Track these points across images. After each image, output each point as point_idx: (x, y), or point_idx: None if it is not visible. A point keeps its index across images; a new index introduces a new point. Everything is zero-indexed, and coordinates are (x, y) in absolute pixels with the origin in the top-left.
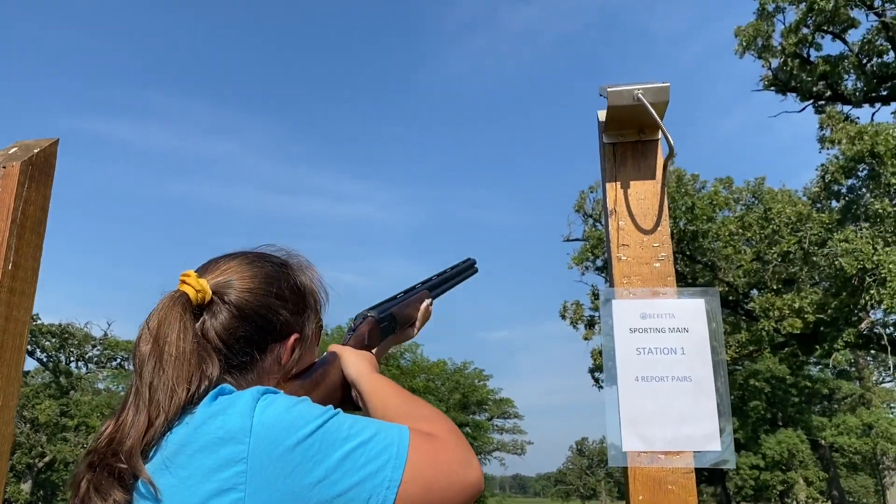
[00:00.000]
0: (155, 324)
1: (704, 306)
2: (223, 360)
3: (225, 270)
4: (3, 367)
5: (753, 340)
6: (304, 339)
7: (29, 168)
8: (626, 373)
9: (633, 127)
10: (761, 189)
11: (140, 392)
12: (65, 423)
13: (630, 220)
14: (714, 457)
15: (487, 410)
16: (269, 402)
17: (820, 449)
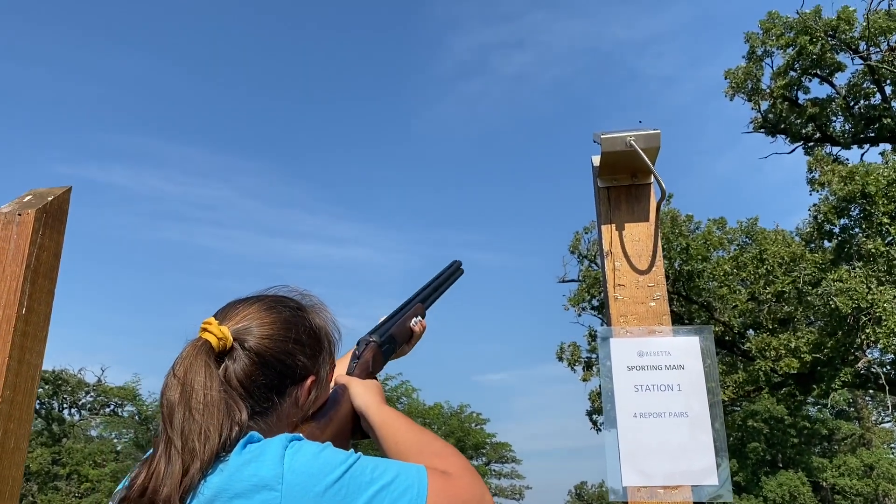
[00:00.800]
0: (181, 372)
1: (699, 344)
2: (246, 404)
3: (245, 317)
4: (15, 410)
5: (751, 380)
6: (319, 381)
7: (43, 215)
8: (624, 409)
9: (627, 171)
10: (754, 229)
11: (171, 440)
12: (56, 471)
13: (625, 260)
14: (711, 490)
15: (485, 455)
16: (297, 448)
17: (821, 491)
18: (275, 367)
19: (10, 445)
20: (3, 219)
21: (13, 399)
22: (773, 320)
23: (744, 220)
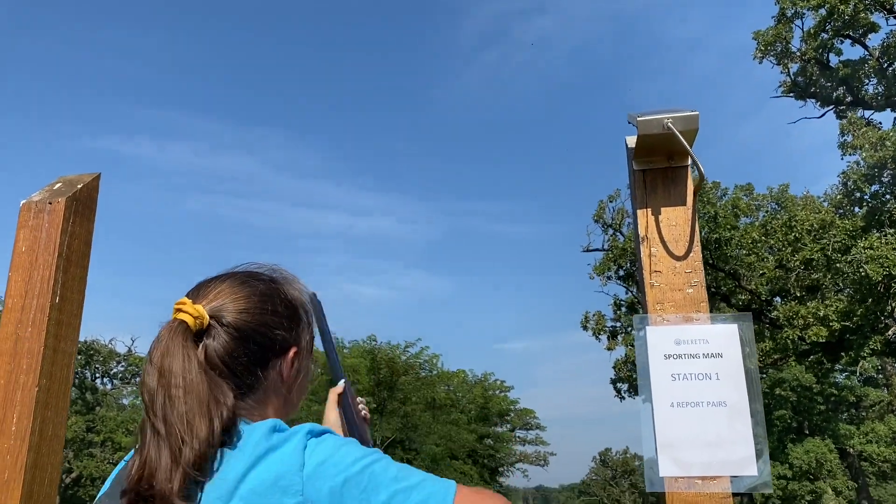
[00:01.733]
0: (158, 357)
1: (738, 331)
2: (230, 383)
3: (218, 293)
4: (51, 399)
5: (778, 349)
6: (301, 352)
7: (73, 203)
8: (661, 399)
9: (663, 154)
10: (784, 196)
11: (156, 428)
12: (91, 438)
13: (662, 246)
14: (751, 481)
15: (509, 422)
16: (321, 440)
17: (848, 458)
18: (255, 341)
19: (49, 433)
20: (33, 208)
21: (49, 387)
22: (800, 288)
23: (774, 187)
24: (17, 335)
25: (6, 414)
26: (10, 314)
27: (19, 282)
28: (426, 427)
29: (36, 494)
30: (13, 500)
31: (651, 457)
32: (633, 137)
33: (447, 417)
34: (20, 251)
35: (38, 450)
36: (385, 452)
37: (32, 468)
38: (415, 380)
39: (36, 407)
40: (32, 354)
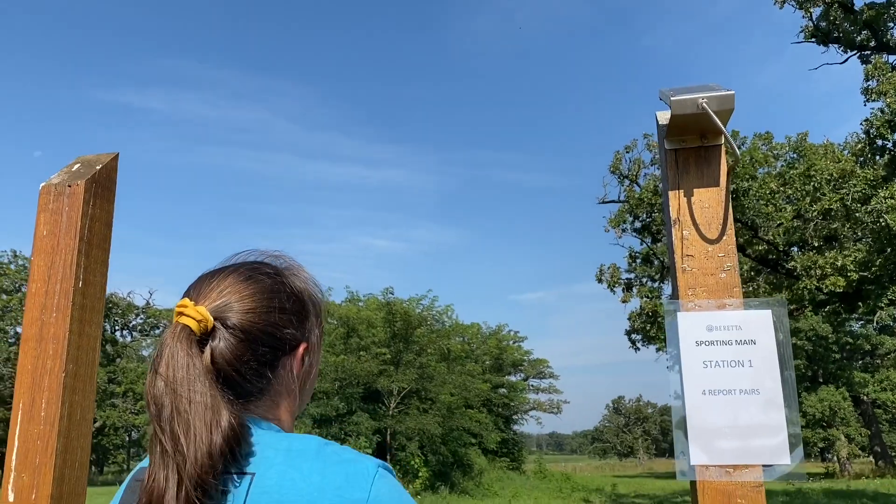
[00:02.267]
0: (163, 367)
1: (772, 317)
2: (238, 389)
3: (222, 292)
4: (79, 383)
5: (794, 299)
6: (311, 347)
7: (93, 186)
8: (692, 386)
9: (696, 132)
10: (803, 144)
11: (163, 444)
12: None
13: (694, 229)
14: (783, 470)
15: (523, 371)
16: (388, 478)
17: (862, 405)
18: (263, 342)
19: (77, 417)
20: (53, 191)
21: (76, 372)
22: (818, 238)
23: (792, 136)
24: (42, 320)
25: (35, 399)
26: (35, 299)
27: (42, 266)
28: (441, 378)
29: (67, 477)
30: (45, 484)
31: (682, 445)
32: (664, 113)
33: (462, 368)
34: (41, 235)
35: (67, 434)
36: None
37: (63, 452)
38: (429, 332)
39: (64, 392)
40: (58, 340)
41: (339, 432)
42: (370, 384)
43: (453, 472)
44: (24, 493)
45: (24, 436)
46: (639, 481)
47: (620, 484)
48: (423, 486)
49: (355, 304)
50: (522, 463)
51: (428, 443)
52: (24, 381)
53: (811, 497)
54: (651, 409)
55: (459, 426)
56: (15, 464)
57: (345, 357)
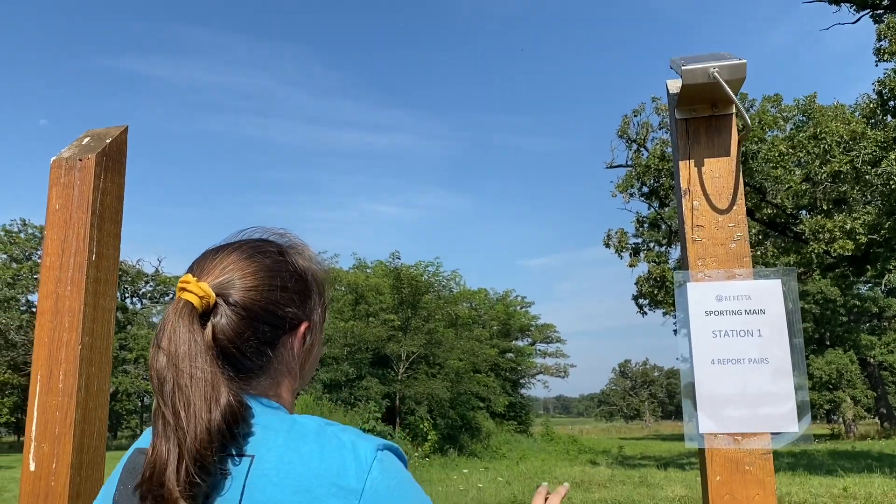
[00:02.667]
0: (165, 341)
1: (781, 287)
2: (239, 365)
3: (224, 269)
4: (95, 355)
5: (802, 263)
6: (313, 327)
7: (103, 159)
8: (701, 356)
9: (707, 102)
10: (812, 106)
11: (166, 417)
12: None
13: (705, 199)
14: (791, 437)
15: (530, 336)
16: (390, 461)
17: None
18: (264, 320)
19: (94, 388)
20: (64, 165)
21: (92, 344)
22: (827, 201)
23: (801, 98)
24: (58, 294)
25: (52, 372)
26: (49, 272)
27: (55, 240)
28: (449, 343)
29: (87, 447)
30: (65, 453)
31: (690, 413)
32: (674, 82)
33: (469, 334)
34: (54, 209)
35: (85, 405)
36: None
37: (81, 423)
38: (437, 298)
39: (81, 364)
40: (73, 312)
41: (349, 397)
42: (379, 349)
43: (462, 435)
44: (44, 462)
45: (42, 407)
46: (645, 443)
47: (627, 446)
48: (432, 449)
49: (363, 270)
50: (530, 426)
51: (437, 407)
52: (41, 353)
53: (816, 458)
54: (657, 372)
55: (468, 390)
56: (35, 434)
57: (354, 323)
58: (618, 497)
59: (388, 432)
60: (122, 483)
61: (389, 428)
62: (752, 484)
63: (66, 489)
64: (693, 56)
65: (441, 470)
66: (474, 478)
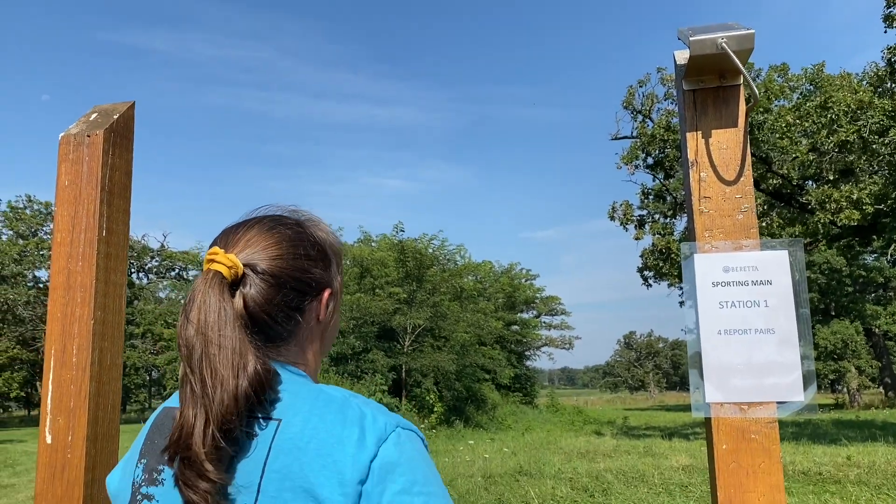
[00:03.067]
0: (195, 311)
1: (788, 258)
2: (269, 332)
3: (249, 241)
4: (107, 329)
5: (808, 234)
6: (335, 293)
7: (111, 135)
8: (708, 327)
9: (714, 73)
10: (819, 76)
11: (193, 385)
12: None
13: (712, 171)
14: (797, 406)
15: (535, 308)
16: (408, 437)
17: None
18: (291, 286)
19: (108, 362)
20: (73, 141)
21: (104, 319)
22: (834, 171)
23: (808, 67)
24: (69, 269)
25: (66, 346)
26: (60, 248)
27: (65, 216)
28: (455, 316)
29: (101, 419)
30: (80, 426)
31: (697, 383)
32: (682, 53)
33: (475, 307)
34: (63, 185)
35: (98, 378)
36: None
37: (96, 396)
38: (441, 271)
39: (93, 338)
40: (85, 288)
41: (355, 370)
42: (385, 322)
43: (467, 406)
44: (60, 434)
45: (57, 381)
46: (649, 414)
47: (631, 416)
48: (439, 420)
49: (368, 244)
50: (535, 397)
51: (442, 379)
52: (54, 328)
53: (820, 427)
54: (662, 343)
55: (473, 363)
56: (50, 407)
57: (360, 296)
58: (622, 467)
59: (394, 404)
60: (150, 439)
61: (396, 400)
62: (758, 452)
63: (82, 461)
64: (701, 27)
65: (447, 441)
66: (480, 449)
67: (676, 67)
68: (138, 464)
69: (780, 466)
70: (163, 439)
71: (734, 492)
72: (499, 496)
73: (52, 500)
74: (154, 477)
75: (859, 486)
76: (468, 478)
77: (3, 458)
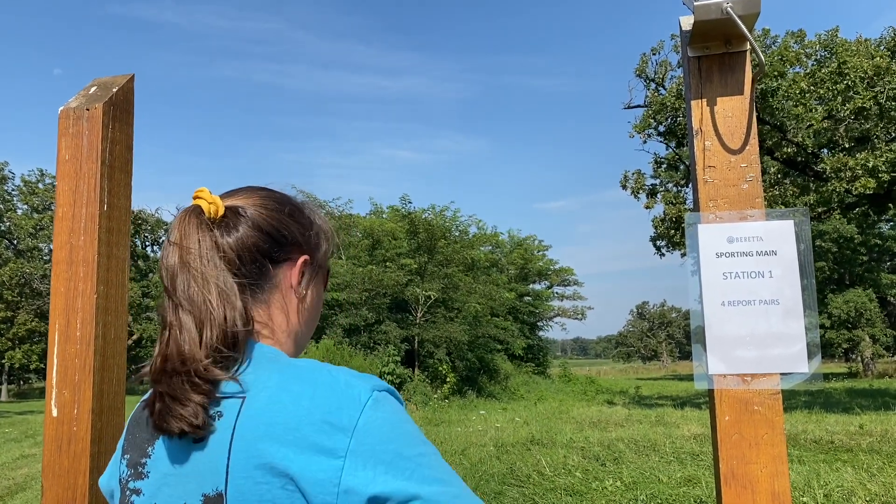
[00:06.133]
0: (177, 236)
1: (793, 228)
2: (237, 272)
3: (238, 195)
4: (111, 303)
5: (822, 201)
6: (313, 266)
7: (111, 108)
8: (712, 298)
9: (720, 39)
10: (834, 41)
11: (178, 304)
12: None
13: (717, 139)
14: (800, 378)
15: (548, 279)
16: (384, 400)
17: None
18: (267, 232)
19: (112, 336)
20: (72, 115)
21: (107, 293)
22: (849, 139)
23: (823, 33)
24: (72, 244)
25: (70, 320)
26: (62, 223)
27: (66, 191)
28: (467, 287)
29: (106, 393)
30: (86, 399)
31: (700, 354)
32: (687, 18)
33: (487, 278)
34: (64, 160)
35: (103, 352)
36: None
37: (100, 370)
38: (453, 243)
39: (97, 312)
40: (87, 262)
41: (368, 341)
42: (397, 294)
43: (480, 377)
44: (66, 408)
45: (62, 355)
46: (662, 383)
47: (644, 386)
48: (451, 390)
49: (379, 216)
50: (547, 367)
51: (455, 350)
52: (58, 303)
53: (833, 396)
54: (675, 313)
55: (485, 334)
56: (56, 381)
57: (372, 268)
58: (634, 436)
59: (407, 375)
60: (130, 433)
61: (409, 371)
62: (761, 424)
63: (87, 434)
64: None
65: (460, 411)
66: (492, 418)
67: (681, 34)
68: (122, 460)
69: (783, 438)
70: (143, 432)
71: (737, 463)
72: (511, 465)
73: (58, 472)
74: (139, 471)
75: (871, 455)
76: (480, 447)
77: (25, 428)
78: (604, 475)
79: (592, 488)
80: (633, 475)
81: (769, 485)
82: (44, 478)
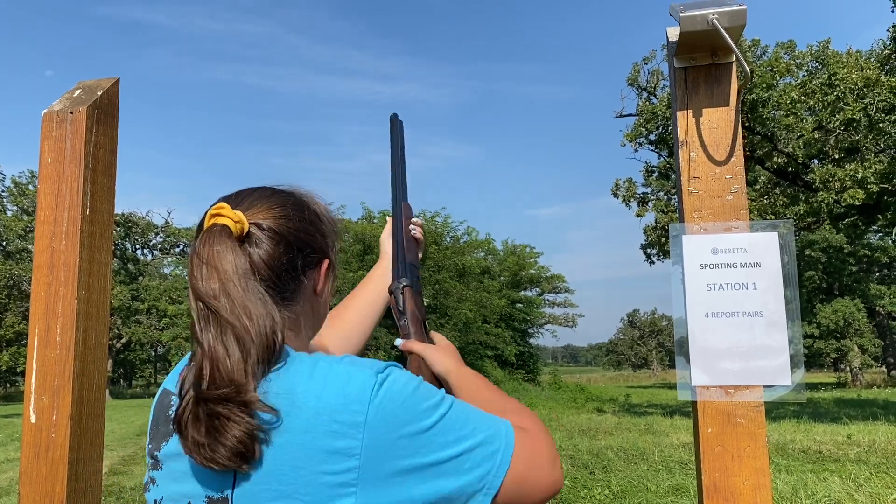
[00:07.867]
0: (208, 254)
1: (778, 240)
2: (275, 291)
3: (254, 201)
4: (92, 308)
5: (812, 212)
6: (333, 267)
7: (95, 112)
8: (695, 309)
9: (706, 50)
10: (825, 52)
11: (220, 324)
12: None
13: (702, 150)
14: (784, 390)
15: (539, 286)
16: (394, 379)
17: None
18: (295, 245)
19: (92, 342)
20: (55, 118)
21: (88, 298)
22: (839, 150)
23: (814, 44)
24: (53, 248)
25: (50, 325)
26: (44, 227)
27: (49, 194)
28: (459, 294)
29: (86, 399)
30: (65, 405)
31: (683, 366)
32: (673, 29)
33: (479, 285)
34: (46, 163)
35: (83, 358)
36: None
37: (80, 376)
38: (444, 249)
39: (77, 318)
40: (69, 267)
41: None
42: None
43: None
44: (45, 413)
45: (41, 360)
46: (652, 391)
47: (634, 394)
48: None
49: (370, 221)
50: (538, 375)
51: None
52: (38, 307)
53: (822, 405)
54: (665, 321)
55: (476, 340)
56: (35, 387)
57: (362, 273)
58: (623, 444)
59: None
60: (155, 422)
61: None
62: (744, 436)
63: (66, 440)
64: (693, 2)
65: None
66: None
67: (668, 45)
68: (148, 446)
69: (765, 450)
70: (164, 420)
71: (719, 475)
72: None
73: (36, 478)
74: (156, 461)
75: (859, 465)
76: None
77: (10, 431)
78: (592, 484)
79: (581, 497)
80: (621, 484)
81: (751, 498)
82: (21, 485)
